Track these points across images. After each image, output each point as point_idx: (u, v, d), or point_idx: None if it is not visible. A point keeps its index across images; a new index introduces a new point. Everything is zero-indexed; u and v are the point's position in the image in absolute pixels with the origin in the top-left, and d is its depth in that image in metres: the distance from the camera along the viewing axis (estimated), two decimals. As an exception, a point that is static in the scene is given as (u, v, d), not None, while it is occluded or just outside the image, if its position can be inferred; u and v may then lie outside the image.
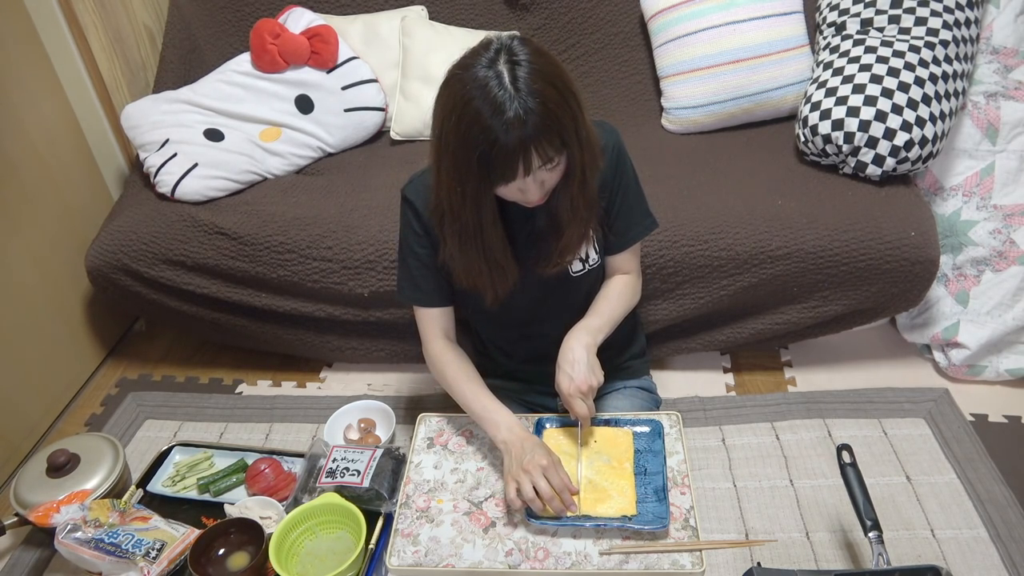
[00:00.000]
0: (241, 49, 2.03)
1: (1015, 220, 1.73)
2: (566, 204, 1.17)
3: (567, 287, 1.33)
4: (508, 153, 1.02)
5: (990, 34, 1.79)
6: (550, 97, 1.02)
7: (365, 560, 1.30)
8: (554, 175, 1.11)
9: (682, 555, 1.14)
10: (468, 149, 1.03)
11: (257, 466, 1.49)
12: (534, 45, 1.05)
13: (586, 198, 1.18)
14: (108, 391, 1.97)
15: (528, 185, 1.09)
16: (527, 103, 1.00)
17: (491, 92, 1.00)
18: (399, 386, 1.89)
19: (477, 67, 1.02)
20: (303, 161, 1.98)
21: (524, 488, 1.15)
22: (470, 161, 1.04)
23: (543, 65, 1.03)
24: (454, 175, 1.09)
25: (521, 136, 1.01)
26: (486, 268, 1.22)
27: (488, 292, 1.26)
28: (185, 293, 1.80)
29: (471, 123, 1.01)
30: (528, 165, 1.04)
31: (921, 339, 1.82)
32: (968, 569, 1.32)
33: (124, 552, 1.30)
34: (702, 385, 1.81)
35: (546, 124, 1.02)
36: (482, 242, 1.18)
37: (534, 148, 1.03)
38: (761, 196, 1.66)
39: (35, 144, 1.83)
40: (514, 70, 1.01)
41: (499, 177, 1.06)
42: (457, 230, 1.17)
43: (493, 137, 1.01)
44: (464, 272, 1.24)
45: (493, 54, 1.03)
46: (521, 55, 1.02)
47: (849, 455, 1.27)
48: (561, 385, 1.22)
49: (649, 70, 2.09)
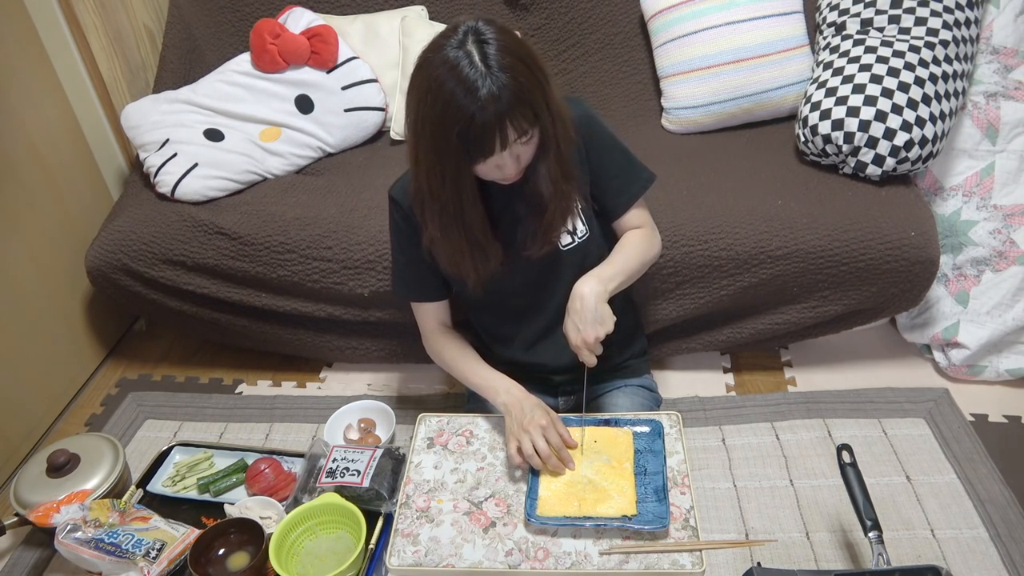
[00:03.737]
0: (241, 49, 2.03)
1: (1015, 220, 1.73)
2: (545, 178, 1.19)
3: (559, 264, 1.34)
4: (485, 129, 1.05)
5: (990, 34, 1.79)
6: (520, 71, 1.05)
7: (365, 560, 1.30)
8: (529, 148, 1.14)
9: (682, 555, 1.14)
10: (445, 128, 1.06)
11: (257, 466, 1.49)
12: (499, 25, 1.08)
13: (563, 170, 1.20)
14: (108, 391, 1.97)
15: (505, 160, 1.12)
16: (499, 79, 1.03)
17: (463, 72, 1.03)
18: (399, 386, 1.89)
19: (447, 49, 1.05)
20: (303, 161, 1.98)
21: (524, 446, 1.22)
22: (448, 140, 1.07)
23: (510, 42, 1.07)
24: (433, 156, 1.12)
25: (496, 111, 1.04)
26: (468, 248, 1.24)
27: (471, 275, 1.28)
28: (185, 293, 1.80)
29: (446, 103, 1.04)
30: (504, 139, 1.07)
31: (921, 339, 1.82)
32: (968, 569, 1.32)
33: (124, 552, 1.30)
34: (702, 385, 1.81)
35: (519, 97, 1.05)
36: (463, 221, 1.20)
37: (509, 122, 1.06)
38: (761, 196, 1.66)
39: (35, 144, 1.83)
40: (483, 48, 1.04)
41: (477, 153, 1.09)
42: (437, 211, 1.19)
43: (469, 114, 1.04)
44: (447, 255, 1.26)
45: (461, 36, 1.06)
46: (488, 34, 1.06)
47: (849, 455, 1.27)
48: (569, 335, 1.23)
49: (649, 70, 2.09)
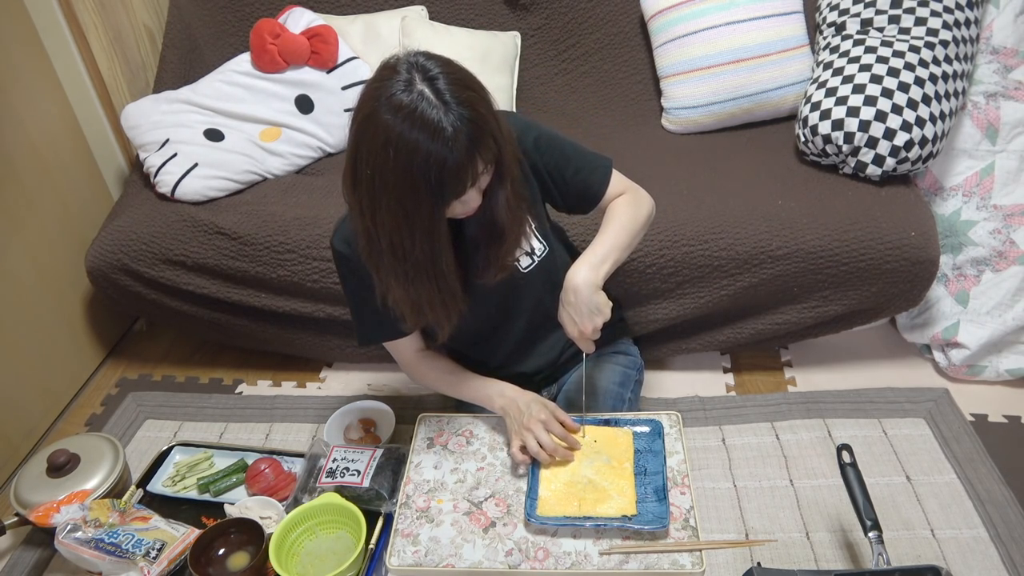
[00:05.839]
0: (241, 49, 2.03)
1: (1015, 220, 1.73)
2: (503, 204, 1.14)
3: (521, 287, 1.30)
4: (458, 169, 1.00)
5: (990, 34, 1.79)
6: (475, 101, 1.00)
7: (365, 560, 1.30)
8: (487, 177, 1.09)
9: (682, 555, 1.14)
10: (413, 179, 0.99)
11: (257, 466, 1.49)
12: (436, 55, 1.02)
13: (516, 192, 1.15)
14: (108, 391, 1.97)
15: (471, 195, 1.08)
16: (461, 114, 0.97)
17: (423, 115, 0.96)
18: (399, 386, 1.89)
19: (395, 94, 0.97)
20: (303, 161, 1.98)
21: (529, 444, 1.22)
22: (417, 191, 1.00)
23: (455, 71, 1.01)
24: (399, 212, 1.03)
25: (467, 148, 0.99)
26: (438, 297, 1.16)
27: (443, 323, 1.21)
28: (185, 293, 1.80)
29: (412, 152, 0.97)
30: (475, 175, 1.03)
31: (921, 339, 1.82)
32: (968, 569, 1.32)
33: (124, 552, 1.30)
34: (702, 385, 1.81)
35: (480, 129, 1.00)
36: (437, 272, 1.13)
37: (479, 155, 1.01)
38: (761, 196, 1.66)
39: (35, 144, 1.83)
40: (434, 84, 0.98)
41: (450, 195, 1.04)
42: (405, 270, 1.11)
43: (441, 159, 0.98)
44: (413, 311, 1.18)
45: (406, 75, 0.98)
46: (433, 69, 0.99)
47: (849, 455, 1.27)
48: (565, 326, 1.21)
49: (649, 70, 2.09)
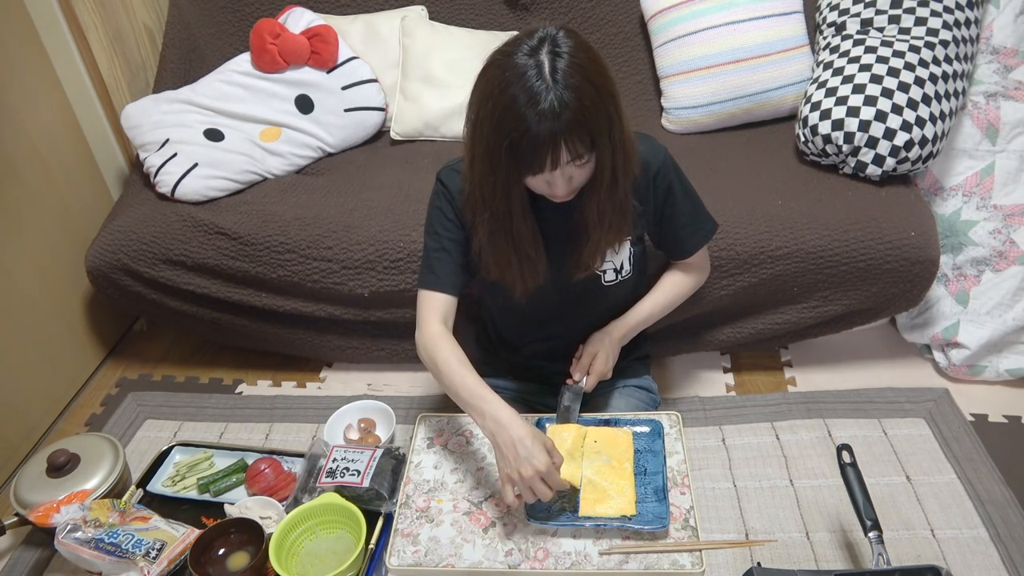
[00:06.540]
0: (241, 49, 2.03)
1: (1015, 220, 1.73)
2: (592, 208, 1.16)
3: (597, 295, 1.32)
4: (538, 144, 1.01)
5: (990, 34, 1.79)
6: (586, 93, 1.00)
7: (365, 560, 1.30)
8: (583, 172, 1.10)
9: (682, 555, 1.14)
10: (500, 136, 1.03)
11: (257, 466, 1.49)
12: (580, 39, 1.03)
13: (614, 203, 1.16)
14: (108, 391, 1.97)
15: (555, 179, 1.08)
16: (563, 96, 0.98)
17: (529, 81, 0.98)
18: (399, 386, 1.89)
19: (518, 54, 1.00)
20: (303, 161, 1.98)
21: (526, 498, 1.12)
22: (500, 148, 1.03)
23: (584, 60, 1.01)
24: (486, 162, 1.08)
25: (552, 128, 1.00)
26: (515, 259, 1.21)
27: (517, 284, 1.25)
28: (185, 293, 1.80)
29: (506, 110, 1.00)
30: (556, 159, 1.03)
31: (921, 339, 1.82)
32: (968, 569, 1.32)
33: (124, 552, 1.30)
34: (702, 385, 1.81)
35: (578, 120, 1.00)
36: (512, 233, 1.17)
37: (564, 142, 1.02)
38: (761, 196, 1.66)
39: (35, 144, 1.82)
40: (555, 61, 0.99)
41: (526, 167, 1.06)
42: (487, 219, 1.16)
43: (525, 126, 1.00)
44: (494, 263, 1.23)
45: (536, 42, 1.01)
46: (564, 47, 1.00)
47: (849, 455, 1.27)
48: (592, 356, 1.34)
49: (649, 70, 2.09)
